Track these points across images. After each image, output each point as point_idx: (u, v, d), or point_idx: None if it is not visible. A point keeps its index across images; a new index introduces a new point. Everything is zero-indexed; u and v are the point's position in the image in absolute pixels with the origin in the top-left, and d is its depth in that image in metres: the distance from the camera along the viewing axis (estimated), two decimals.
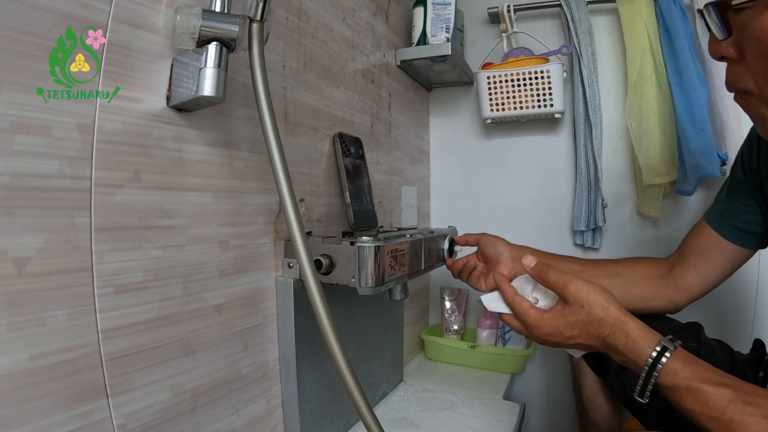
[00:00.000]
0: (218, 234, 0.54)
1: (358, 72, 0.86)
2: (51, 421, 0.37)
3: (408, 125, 1.11)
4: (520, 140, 1.18)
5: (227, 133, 0.56)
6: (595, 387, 0.77)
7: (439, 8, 1.00)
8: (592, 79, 1.04)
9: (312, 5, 0.72)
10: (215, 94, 0.44)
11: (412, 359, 1.14)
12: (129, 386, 0.44)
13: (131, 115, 0.44)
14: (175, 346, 0.49)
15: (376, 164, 0.93)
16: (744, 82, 0.48)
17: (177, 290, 0.49)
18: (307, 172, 0.71)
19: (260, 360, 0.61)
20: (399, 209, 1.05)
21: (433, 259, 0.80)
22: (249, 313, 0.59)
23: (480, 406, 0.89)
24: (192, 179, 0.51)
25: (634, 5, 1.00)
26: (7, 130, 0.35)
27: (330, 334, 0.48)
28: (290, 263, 0.64)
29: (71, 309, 0.39)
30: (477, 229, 0.87)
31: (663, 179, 1.00)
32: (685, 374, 0.46)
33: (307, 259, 0.49)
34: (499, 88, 1.05)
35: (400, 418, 0.83)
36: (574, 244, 1.13)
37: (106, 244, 0.42)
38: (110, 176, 0.42)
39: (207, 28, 0.44)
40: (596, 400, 0.77)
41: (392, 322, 0.94)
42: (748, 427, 0.41)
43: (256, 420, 0.61)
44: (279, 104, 0.65)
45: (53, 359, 0.38)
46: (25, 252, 0.36)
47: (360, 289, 0.60)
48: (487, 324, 1.12)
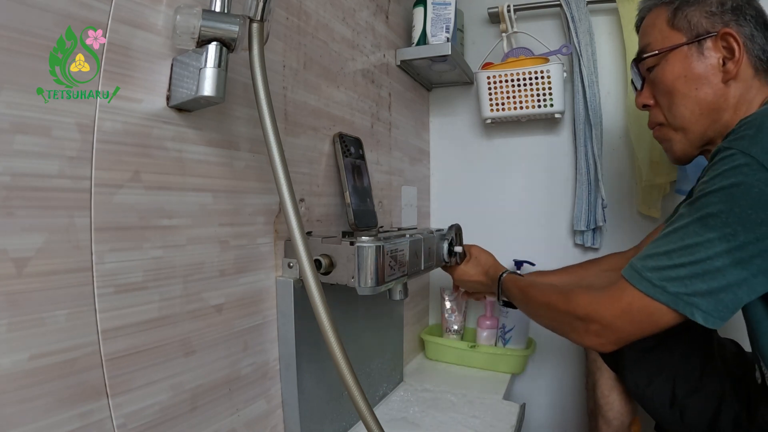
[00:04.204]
0: (218, 234, 0.54)
1: (358, 72, 0.86)
2: (51, 421, 0.37)
3: (408, 125, 1.11)
4: (520, 140, 1.18)
5: (227, 133, 0.56)
6: (610, 383, 0.80)
7: (439, 8, 1.00)
8: (592, 79, 1.04)
9: (312, 5, 0.72)
10: (215, 94, 0.44)
11: (412, 359, 1.14)
12: (129, 386, 0.44)
13: (131, 115, 0.44)
14: (175, 346, 0.49)
15: (376, 164, 0.93)
16: (658, 118, 0.69)
17: (177, 290, 0.49)
18: (307, 172, 0.71)
19: (260, 360, 0.61)
20: (399, 209, 1.05)
21: (432, 259, 0.80)
22: (249, 313, 0.59)
23: (480, 406, 0.89)
24: (192, 179, 0.51)
25: (634, 5, 1.00)
26: (7, 130, 0.35)
27: (330, 334, 0.48)
28: (290, 263, 0.64)
29: (71, 309, 0.39)
30: (477, 228, 0.89)
31: (663, 179, 1.00)
32: (524, 281, 0.76)
33: (307, 259, 0.49)
34: (499, 88, 1.05)
35: (400, 418, 0.83)
36: (574, 244, 1.13)
37: (106, 244, 0.42)
38: (110, 176, 0.42)
39: (207, 28, 0.44)
40: (611, 396, 0.80)
41: (392, 322, 0.94)
42: (580, 293, 0.60)
43: (256, 420, 0.61)
44: (279, 104, 0.65)
45: (53, 359, 0.38)
46: (25, 252, 0.36)
47: (360, 289, 0.60)
48: (487, 324, 1.12)
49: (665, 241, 0.54)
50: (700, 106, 0.62)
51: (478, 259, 0.89)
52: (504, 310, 1.10)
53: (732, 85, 0.61)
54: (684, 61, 0.63)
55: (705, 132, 0.64)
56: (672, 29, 0.64)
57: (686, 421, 0.67)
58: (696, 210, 0.52)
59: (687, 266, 0.51)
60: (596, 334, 0.57)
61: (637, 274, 0.54)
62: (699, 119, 0.63)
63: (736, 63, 0.60)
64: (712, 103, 0.62)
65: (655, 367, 0.70)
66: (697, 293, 0.50)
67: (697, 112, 0.63)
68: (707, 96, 0.62)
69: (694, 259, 0.50)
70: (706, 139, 0.64)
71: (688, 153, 0.67)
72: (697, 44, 0.62)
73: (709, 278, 0.49)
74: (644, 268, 0.54)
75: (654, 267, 0.53)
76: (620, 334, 0.56)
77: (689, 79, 0.62)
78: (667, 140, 0.68)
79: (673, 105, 0.64)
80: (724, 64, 0.61)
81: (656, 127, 0.70)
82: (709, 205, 0.50)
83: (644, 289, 0.53)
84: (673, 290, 0.51)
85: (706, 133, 0.64)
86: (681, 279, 0.51)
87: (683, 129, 0.65)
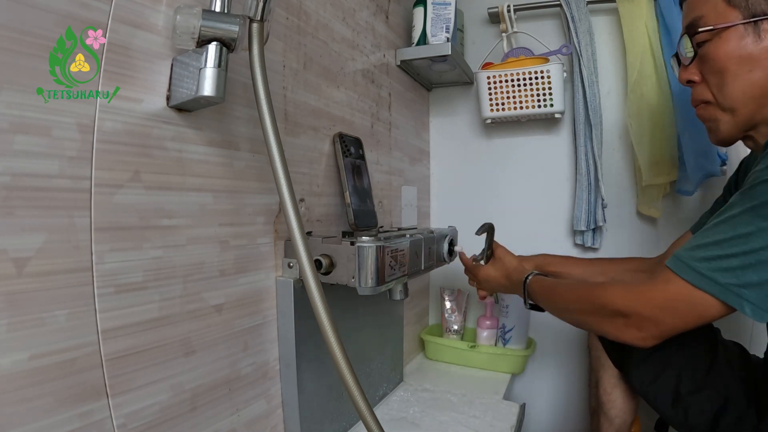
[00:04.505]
0: (218, 234, 0.54)
1: (358, 72, 0.86)
2: (51, 421, 0.37)
3: (408, 125, 1.11)
4: (520, 140, 1.18)
5: (227, 133, 0.56)
6: (613, 381, 0.80)
7: (439, 8, 1.00)
8: (592, 79, 1.04)
9: (312, 5, 0.72)
10: (215, 94, 0.44)
11: (412, 359, 1.14)
12: (129, 386, 0.44)
13: (131, 115, 0.44)
14: (175, 346, 0.49)
15: (376, 164, 0.93)
16: (705, 95, 0.64)
17: (177, 290, 0.49)
18: (307, 172, 0.71)
19: (260, 360, 0.61)
20: (399, 209, 1.05)
21: (433, 259, 0.80)
22: (249, 313, 0.59)
23: (480, 406, 0.89)
24: (192, 179, 0.51)
25: (634, 5, 1.00)
26: (7, 130, 0.35)
27: (330, 334, 0.48)
28: (290, 263, 0.64)
29: (71, 309, 0.39)
30: (476, 228, 0.89)
31: (663, 179, 1.00)
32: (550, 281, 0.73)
33: (307, 259, 0.49)
34: (499, 88, 1.05)
35: (400, 418, 0.83)
36: (574, 244, 1.13)
37: (106, 244, 0.42)
38: (110, 176, 0.42)
39: (207, 28, 0.44)
40: (613, 393, 0.80)
41: (392, 322, 0.94)
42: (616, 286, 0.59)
43: (256, 420, 0.61)
44: (279, 104, 0.65)
45: (53, 359, 0.38)
46: (25, 252, 0.36)
47: (360, 289, 0.60)
48: (487, 324, 1.12)
49: (715, 231, 0.51)
50: (752, 88, 0.59)
51: (503, 261, 0.87)
52: (504, 311, 1.10)
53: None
54: (739, 40, 0.59)
55: (753, 116, 0.61)
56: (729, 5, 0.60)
57: (690, 419, 0.67)
58: (749, 199, 0.50)
59: (739, 256, 0.49)
60: (637, 327, 0.56)
61: (684, 265, 0.52)
62: (749, 102, 0.60)
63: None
64: (764, 87, 0.59)
65: (661, 365, 0.70)
66: (748, 285, 0.48)
67: (749, 95, 0.60)
68: (760, 79, 0.59)
69: (746, 249, 0.48)
70: (752, 123, 0.62)
71: (733, 135, 0.64)
72: (754, 24, 0.58)
73: (761, 269, 0.48)
74: (692, 258, 0.51)
75: (704, 257, 0.51)
76: (663, 327, 0.54)
77: (743, 60, 0.59)
78: (713, 120, 0.65)
79: (725, 85, 0.61)
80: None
81: (701, 105, 0.66)
82: (763, 194, 0.48)
83: (692, 279, 0.51)
84: (723, 281, 0.49)
85: (753, 116, 0.61)
86: (732, 270, 0.49)
87: (732, 110, 0.61)
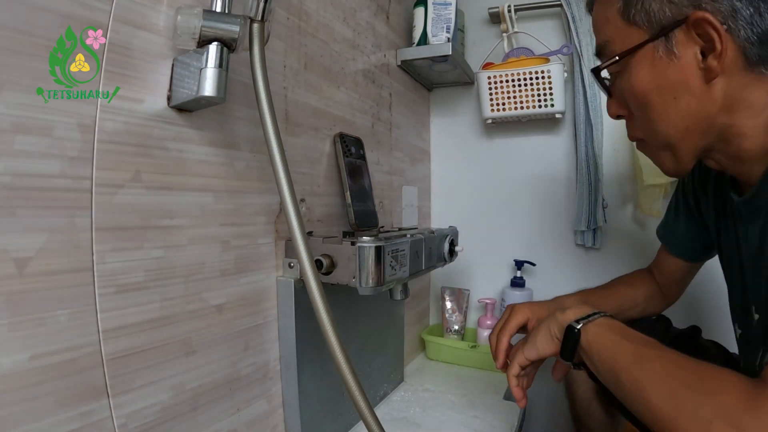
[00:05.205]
0: (219, 234, 0.54)
1: (358, 72, 0.86)
2: (52, 421, 0.37)
3: (409, 125, 1.11)
4: (520, 140, 1.18)
5: (228, 133, 0.56)
6: (588, 395, 0.76)
7: (440, 8, 1.00)
8: (592, 79, 1.04)
9: (313, 5, 0.72)
10: (216, 94, 0.44)
11: (413, 359, 1.14)
12: (130, 386, 0.44)
13: (132, 115, 0.44)
14: (176, 346, 0.49)
15: (376, 164, 0.93)
16: (637, 133, 0.56)
17: (178, 290, 0.49)
18: (307, 172, 0.71)
19: (261, 360, 0.61)
20: (400, 209, 1.05)
21: (433, 259, 0.79)
22: (250, 313, 0.59)
23: (480, 406, 0.89)
24: (193, 179, 0.51)
25: None
26: (8, 130, 0.35)
27: (331, 334, 0.48)
28: (291, 263, 0.64)
29: (72, 309, 0.39)
30: (477, 228, 0.88)
31: (663, 179, 1.00)
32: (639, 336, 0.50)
33: (308, 259, 0.49)
34: (500, 88, 1.05)
35: (400, 418, 0.83)
36: (575, 244, 1.13)
37: (107, 244, 0.42)
38: (111, 176, 0.42)
39: (208, 28, 0.44)
40: (590, 407, 0.77)
41: (393, 322, 0.94)
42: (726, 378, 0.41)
43: (257, 420, 0.61)
44: (280, 104, 0.65)
45: (54, 359, 0.38)
46: (26, 252, 0.36)
47: (361, 289, 0.60)
48: (488, 324, 1.12)
49: None
50: (684, 119, 0.49)
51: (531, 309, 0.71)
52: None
53: (718, 83, 0.47)
54: (651, 65, 0.49)
55: (697, 145, 0.51)
56: (628, 24, 0.50)
57: None
58: None
59: None
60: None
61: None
62: (686, 135, 0.50)
63: (719, 56, 0.45)
64: (698, 112, 0.48)
65: None
66: None
67: (682, 127, 0.50)
68: (690, 105, 0.48)
69: None
70: (700, 151, 0.52)
71: (681, 169, 0.54)
72: (664, 40, 0.48)
73: None
74: None
75: None
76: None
77: (663, 89, 0.49)
78: (654, 158, 0.57)
79: (651, 122, 0.51)
80: (703, 59, 0.47)
81: (638, 143, 0.58)
82: None
83: None
84: None
85: (698, 145, 0.51)
86: None
87: (669, 146, 0.52)
